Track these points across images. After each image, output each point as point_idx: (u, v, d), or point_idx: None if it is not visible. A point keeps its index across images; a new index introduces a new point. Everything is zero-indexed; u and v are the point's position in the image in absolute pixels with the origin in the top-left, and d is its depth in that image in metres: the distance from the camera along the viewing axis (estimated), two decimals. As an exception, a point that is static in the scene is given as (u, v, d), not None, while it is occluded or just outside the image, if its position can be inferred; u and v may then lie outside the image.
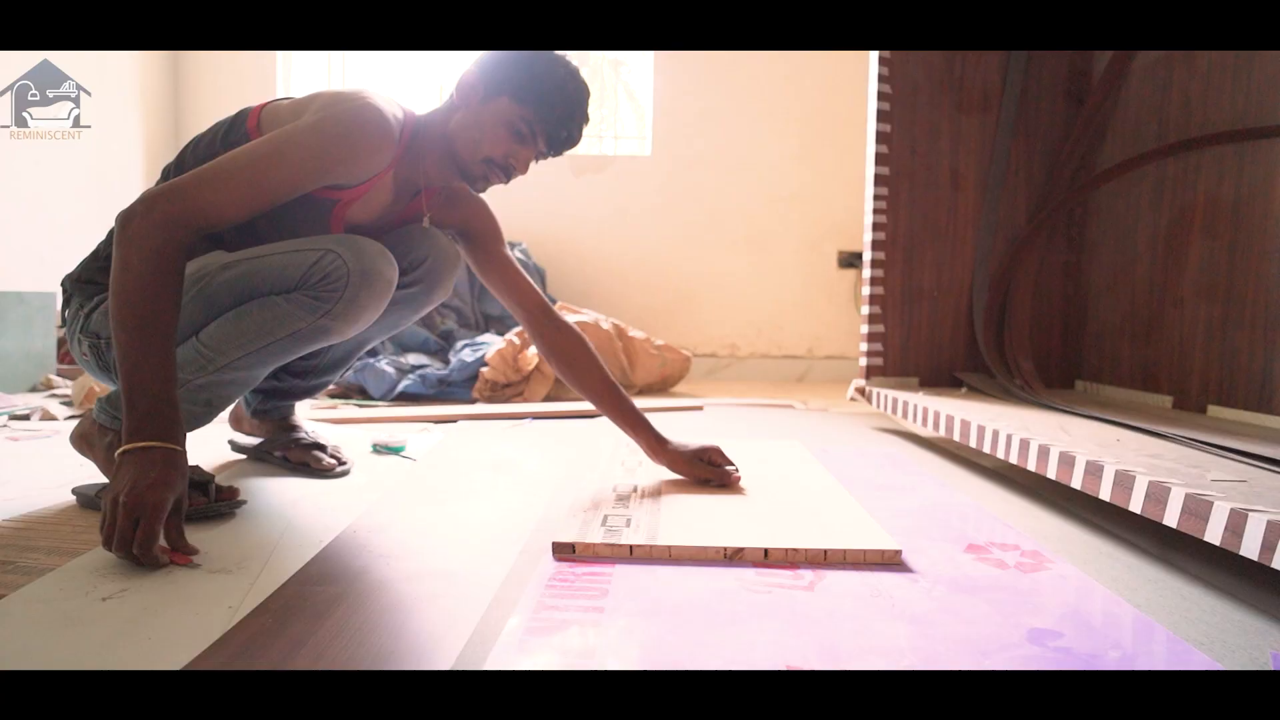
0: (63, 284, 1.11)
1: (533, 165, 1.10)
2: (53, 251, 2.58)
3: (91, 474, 1.13)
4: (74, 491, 1.05)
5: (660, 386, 2.70)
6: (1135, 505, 0.90)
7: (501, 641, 0.65)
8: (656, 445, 1.15)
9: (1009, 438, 1.20)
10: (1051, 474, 1.08)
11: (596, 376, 1.17)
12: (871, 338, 1.93)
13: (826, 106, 3.20)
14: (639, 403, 1.23)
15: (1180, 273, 1.63)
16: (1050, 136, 1.94)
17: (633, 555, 0.86)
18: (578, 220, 3.21)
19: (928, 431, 1.83)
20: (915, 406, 1.61)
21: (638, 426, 1.16)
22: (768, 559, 0.85)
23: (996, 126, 1.93)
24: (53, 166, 2.57)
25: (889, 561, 0.86)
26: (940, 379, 1.96)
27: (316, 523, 0.99)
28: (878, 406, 1.83)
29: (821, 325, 3.27)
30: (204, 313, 1.00)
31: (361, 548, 0.90)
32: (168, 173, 1.08)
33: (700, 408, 2.28)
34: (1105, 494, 0.96)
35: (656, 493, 1.09)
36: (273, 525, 0.98)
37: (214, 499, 1.01)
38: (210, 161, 0.92)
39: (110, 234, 1.06)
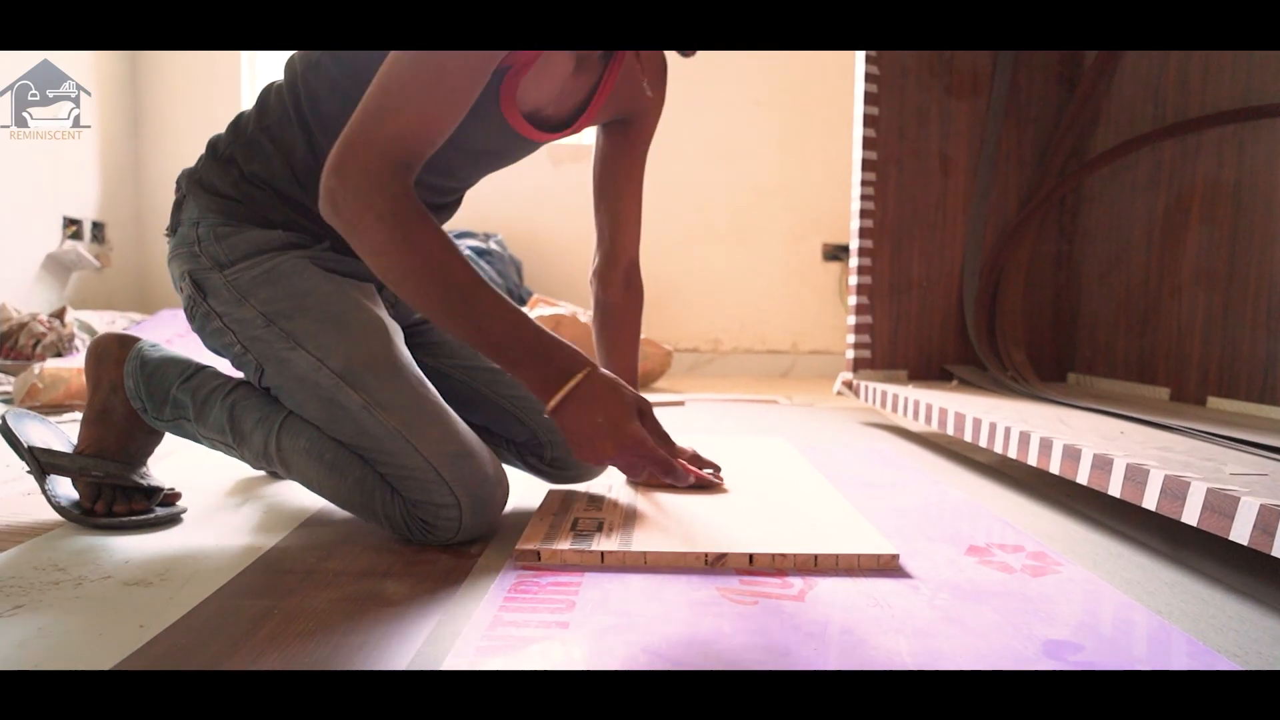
0: (179, 182, 0.91)
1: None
2: None
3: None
4: (3, 417, 0.93)
5: (640, 382, 2.62)
6: (1149, 502, 0.83)
7: (448, 664, 0.56)
8: None
9: (1007, 431, 1.13)
10: (1055, 469, 1.01)
11: (627, 362, 1.04)
12: (858, 329, 1.86)
13: (811, 95, 3.14)
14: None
15: (1178, 260, 1.57)
16: (1042, 121, 1.88)
17: (604, 563, 0.78)
18: (556, 211, 3.12)
19: (918, 426, 1.77)
20: (905, 400, 1.54)
21: None
22: (753, 565, 0.78)
23: (987, 111, 1.87)
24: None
25: (885, 566, 0.78)
26: (930, 372, 1.89)
27: (259, 527, 0.90)
28: (866, 400, 1.76)
29: (806, 320, 3.21)
30: (310, 411, 0.84)
31: (303, 555, 0.81)
32: (278, 99, 0.87)
33: (681, 403, 2.21)
34: (1115, 489, 0.89)
35: (633, 494, 1.01)
36: (209, 529, 0.89)
37: (156, 503, 0.92)
38: (372, 84, 0.70)
39: (233, 125, 0.89)
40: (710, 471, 1.05)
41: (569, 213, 3.10)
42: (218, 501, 1.01)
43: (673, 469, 0.75)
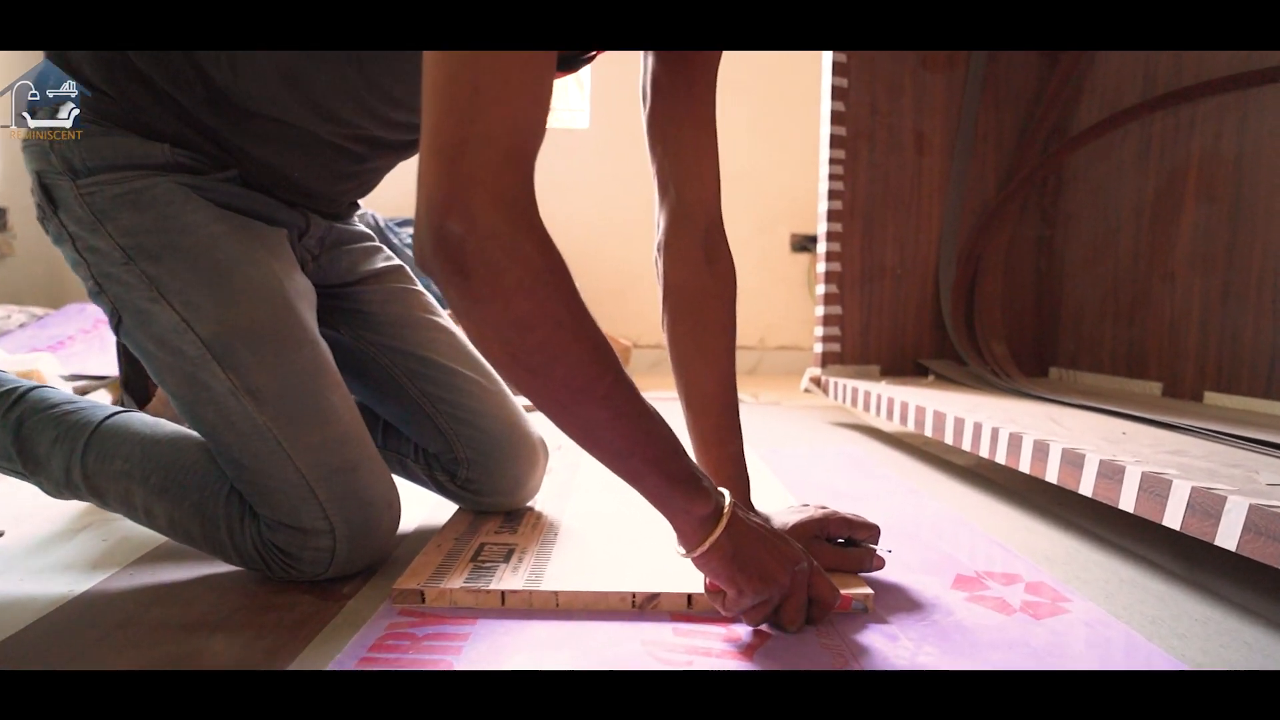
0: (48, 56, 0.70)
1: None
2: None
3: None
4: None
5: (598, 379, 2.45)
6: (1172, 520, 0.69)
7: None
8: None
9: (994, 432, 0.99)
10: (1052, 477, 0.86)
11: (718, 390, 0.73)
12: (828, 321, 1.71)
13: (778, 77, 2.99)
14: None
15: (1171, 244, 1.44)
16: (1022, 96, 1.74)
17: (505, 605, 0.62)
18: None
19: (892, 426, 1.63)
20: (878, 397, 1.39)
21: (729, 482, 0.69)
22: (691, 608, 0.62)
23: (964, 85, 1.73)
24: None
25: (856, 606, 0.63)
26: (904, 366, 1.75)
27: (86, 563, 0.72)
28: (835, 398, 1.62)
29: (773, 314, 3.07)
30: (170, 384, 0.66)
31: (123, 601, 0.64)
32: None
33: (639, 402, 2.05)
34: (1128, 504, 0.74)
35: (559, 515, 0.85)
36: (17, 569, 0.71)
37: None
38: (432, 68, 0.45)
39: None
40: (872, 547, 0.69)
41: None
42: (51, 530, 0.83)
43: (833, 594, 0.59)
